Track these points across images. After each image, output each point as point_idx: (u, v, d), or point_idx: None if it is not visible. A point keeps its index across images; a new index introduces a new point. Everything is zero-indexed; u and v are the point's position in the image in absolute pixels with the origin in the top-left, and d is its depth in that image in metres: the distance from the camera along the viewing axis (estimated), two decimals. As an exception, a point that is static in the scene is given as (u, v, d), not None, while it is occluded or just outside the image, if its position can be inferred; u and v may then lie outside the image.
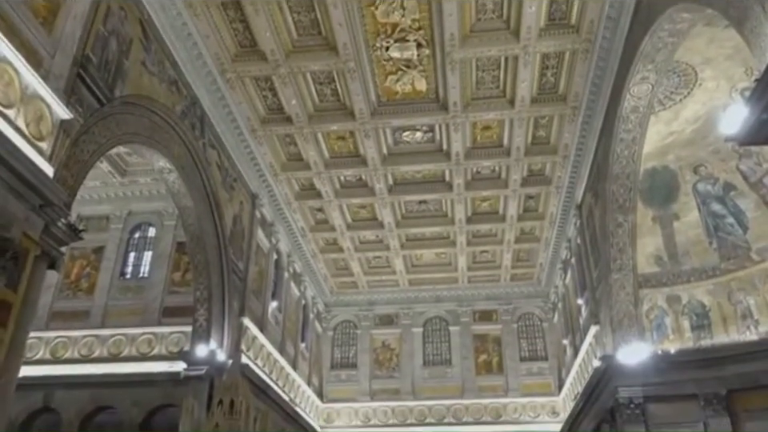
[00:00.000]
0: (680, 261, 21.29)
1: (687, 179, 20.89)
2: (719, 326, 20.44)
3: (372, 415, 30.23)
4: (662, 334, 21.12)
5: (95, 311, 21.97)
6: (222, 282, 19.67)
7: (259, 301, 23.25)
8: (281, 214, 25.63)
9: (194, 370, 18.36)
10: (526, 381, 30.46)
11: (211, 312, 19.29)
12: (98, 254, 23.29)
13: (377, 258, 30.36)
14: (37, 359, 20.25)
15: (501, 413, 29.66)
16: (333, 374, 31.75)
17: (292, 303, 27.90)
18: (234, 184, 21.24)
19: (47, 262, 11.11)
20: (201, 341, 18.94)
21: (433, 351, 31.91)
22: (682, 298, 21.14)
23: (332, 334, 32.74)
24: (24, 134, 10.05)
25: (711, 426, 19.39)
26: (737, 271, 20.39)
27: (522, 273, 31.49)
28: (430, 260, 30.62)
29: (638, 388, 20.01)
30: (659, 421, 19.82)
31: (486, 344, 31.60)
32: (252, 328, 21.63)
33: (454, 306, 32.28)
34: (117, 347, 20.72)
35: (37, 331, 18.81)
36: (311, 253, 29.20)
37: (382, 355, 31.96)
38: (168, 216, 23.39)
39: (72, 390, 19.76)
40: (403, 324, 32.28)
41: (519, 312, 32.14)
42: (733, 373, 19.30)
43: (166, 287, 22.23)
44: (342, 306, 33.07)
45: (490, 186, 24.56)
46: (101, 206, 23.97)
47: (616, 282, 20.90)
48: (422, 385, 30.89)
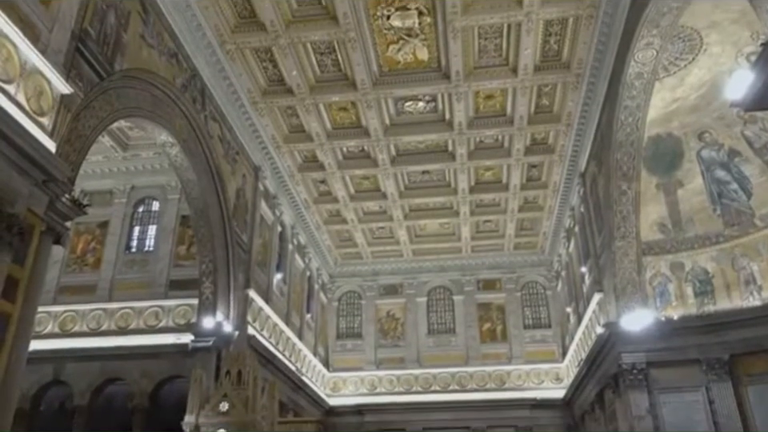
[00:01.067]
0: (684, 228, 21.32)
1: (691, 146, 20.79)
2: (722, 292, 20.55)
3: (378, 383, 30.64)
4: (665, 300, 21.25)
5: (102, 285, 22.16)
6: (226, 254, 19.78)
7: (264, 273, 23.40)
8: (284, 187, 25.64)
9: (202, 342, 18.58)
10: (530, 348, 30.75)
11: (217, 284, 19.44)
12: (103, 229, 23.40)
13: (380, 229, 30.44)
14: (46, 333, 20.50)
15: (505, 380, 30.01)
16: (338, 344, 32.08)
17: (297, 275, 28.08)
18: (237, 157, 21.21)
19: (53, 237, 11.18)
20: (207, 313, 19.13)
21: (437, 320, 32.17)
22: (686, 265, 21.22)
23: (337, 305, 33.00)
24: (25, 109, 10.02)
25: (713, 391, 19.63)
26: (740, 237, 20.43)
27: (526, 242, 31.56)
28: (433, 230, 30.67)
29: (641, 354, 20.21)
30: (662, 386, 20.06)
31: (489, 312, 31.83)
32: (257, 300, 21.81)
33: (457, 275, 32.45)
34: (124, 320, 20.95)
35: (45, 306, 18.97)
36: (315, 224, 29.28)
37: (387, 325, 32.24)
38: (171, 190, 23.43)
39: (82, 363, 20.06)
40: (407, 294, 32.49)
41: (523, 281, 32.30)
42: (735, 338, 19.47)
43: (171, 260, 22.37)
44: (346, 276, 33.26)
45: (493, 155, 24.48)
46: (104, 180, 23.99)
47: (619, 250, 20.95)
48: (426, 353, 31.21)
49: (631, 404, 19.76)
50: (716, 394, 19.56)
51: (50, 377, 20.16)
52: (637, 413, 19.57)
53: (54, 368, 20.09)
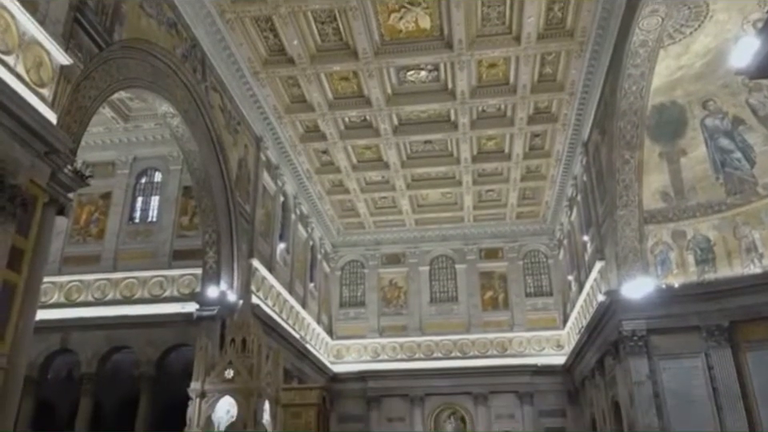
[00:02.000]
0: (686, 196, 21.31)
1: (695, 114, 20.65)
2: (723, 260, 20.64)
3: (381, 351, 31.01)
4: (666, 268, 21.35)
5: (106, 255, 22.32)
6: (229, 224, 19.86)
7: (267, 243, 23.52)
8: (286, 157, 25.60)
9: (206, 311, 18.80)
10: (531, 316, 31.03)
11: (220, 254, 19.58)
12: (106, 200, 23.48)
13: (383, 199, 30.47)
14: (52, 303, 20.73)
15: (506, 347, 30.35)
16: (342, 312, 32.39)
17: (300, 244, 28.22)
18: (238, 127, 21.15)
19: (56, 208, 11.24)
20: (211, 282, 19.30)
21: (439, 289, 32.40)
22: (687, 233, 21.26)
23: (340, 274, 33.23)
24: (24, 80, 9.98)
25: (712, 357, 19.87)
26: (743, 206, 20.43)
27: (528, 211, 31.59)
28: (435, 199, 30.69)
29: (641, 321, 20.40)
30: (662, 352, 20.30)
31: (491, 281, 32.03)
32: (261, 269, 21.97)
33: (460, 244, 32.58)
34: (129, 290, 21.15)
35: (50, 276, 19.14)
36: (317, 194, 29.31)
37: (390, 293, 32.50)
38: (173, 161, 23.43)
39: (88, 332, 20.32)
40: (410, 263, 32.68)
41: (525, 249, 32.43)
42: (736, 305, 19.63)
43: (174, 231, 22.48)
44: (349, 246, 33.43)
45: (496, 124, 24.35)
46: (106, 152, 23.99)
47: (621, 219, 20.99)
48: (429, 321, 31.52)
49: (631, 370, 20.02)
50: (715, 360, 19.80)
51: (56, 345, 20.45)
52: (637, 378, 19.85)
53: (61, 337, 20.37)
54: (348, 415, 29.48)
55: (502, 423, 28.78)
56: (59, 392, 21.49)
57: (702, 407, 19.40)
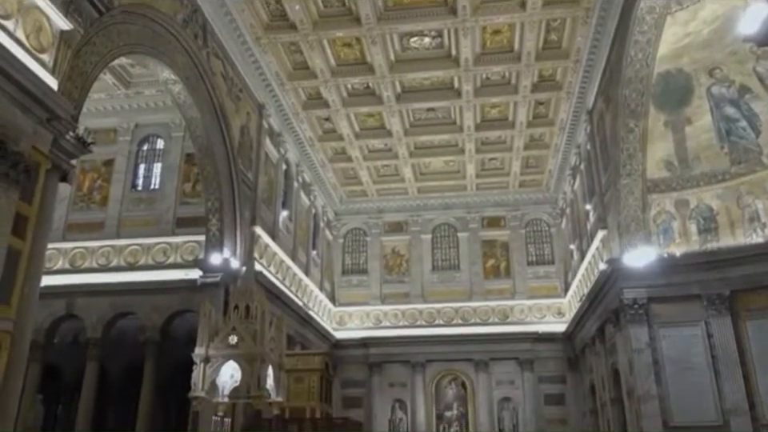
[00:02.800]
0: (690, 165, 21.22)
1: (702, 82, 20.43)
2: (726, 230, 20.65)
3: (383, 318, 31.29)
4: (668, 237, 21.38)
5: (109, 222, 22.39)
6: (232, 192, 19.88)
7: (270, 210, 23.57)
8: (288, 124, 25.48)
9: (210, 278, 18.94)
10: (533, 284, 31.20)
11: (223, 221, 19.64)
12: (109, 167, 23.46)
13: (385, 167, 30.40)
14: (57, 269, 20.90)
15: (508, 314, 30.59)
16: (344, 280, 32.60)
17: (302, 212, 28.28)
18: (240, 94, 21.01)
19: (59, 175, 11.26)
20: (214, 249, 19.41)
21: (442, 257, 32.54)
22: (690, 203, 21.24)
23: (342, 242, 33.35)
24: (24, 45, 9.90)
25: (712, 325, 20.03)
26: (747, 175, 20.36)
27: (531, 179, 31.51)
28: (438, 168, 30.62)
29: (642, 289, 20.52)
30: (662, 320, 20.46)
31: (493, 249, 32.14)
32: (264, 236, 22.06)
33: (462, 212, 32.60)
34: (133, 257, 21.27)
35: (54, 242, 19.25)
36: (320, 162, 29.25)
37: (392, 261, 32.65)
38: (175, 128, 23.32)
39: (93, 298, 20.52)
40: (412, 231, 32.75)
41: (527, 218, 32.45)
42: (737, 274, 19.71)
43: (177, 198, 22.49)
44: (351, 214, 33.48)
45: (500, 92, 24.14)
46: (107, 118, 23.89)
47: (625, 188, 20.94)
48: (431, 289, 31.72)
49: (631, 338, 20.21)
50: (715, 328, 19.96)
51: (62, 311, 20.68)
52: (636, 346, 20.05)
53: (66, 302, 20.57)
54: (350, 381, 29.88)
55: (503, 389, 29.20)
56: (65, 357, 21.80)
57: (700, 374, 19.63)
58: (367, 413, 28.93)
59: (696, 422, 19.11)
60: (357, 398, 29.50)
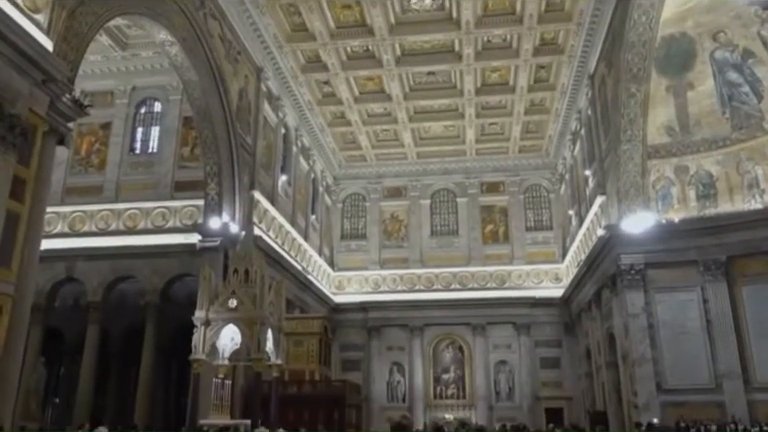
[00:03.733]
0: (691, 131, 21.14)
1: (705, 46, 20.21)
2: (725, 196, 20.67)
3: (382, 282, 31.50)
4: (667, 203, 21.42)
5: (108, 186, 22.32)
6: (230, 156, 19.79)
7: (269, 175, 23.50)
8: (287, 88, 25.23)
9: (209, 242, 18.99)
10: (531, 249, 31.33)
11: (222, 186, 19.60)
12: (106, 130, 23.28)
13: (385, 131, 30.23)
14: (56, 233, 20.90)
15: (505, 279, 30.80)
16: (343, 245, 32.71)
17: (301, 177, 28.21)
18: (239, 57, 20.74)
19: (56, 138, 11.20)
20: (213, 214, 19.41)
21: (440, 222, 32.60)
22: (690, 169, 21.22)
23: (341, 207, 33.36)
24: (19, 5, 9.74)
25: (708, 290, 20.22)
26: (747, 141, 20.30)
27: (531, 145, 31.38)
28: (438, 132, 30.46)
29: (639, 255, 20.64)
30: (658, 285, 20.63)
31: (492, 215, 32.18)
32: (263, 201, 22.04)
33: (461, 178, 32.55)
34: (132, 220, 21.27)
35: (53, 206, 19.19)
36: (319, 127, 29.06)
37: (391, 226, 32.72)
38: (173, 90, 23.07)
39: (93, 261, 20.58)
40: (411, 196, 32.75)
41: (526, 183, 32.42)
42: (734, 240, 19.81)
43: (175, 162, 22.38)
44: (350, 179, 33.41)
45: (501, 55, 23.87)
46: (104, 81, 23.61)
47: (625, 153, 20.88)
48: (429, 254, 31.87)
49: (627, 302, 20.41)
50: (711, 293, 20.16)
51: (62, 274, 20.76)
52: (632, 311, 20.26)
53: (66, 266, 20.65)
54: (349, 344, 30.23)
55: (499, 353, 29.58)
56: (66, 320, 21.97)
57: (694, 339, 19.89)
58: (366, 376, 29.34)
59: (689, 386, 19.44)
60: (355, 361, 29.90)
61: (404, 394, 29.53)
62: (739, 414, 18.45)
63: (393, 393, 29.73)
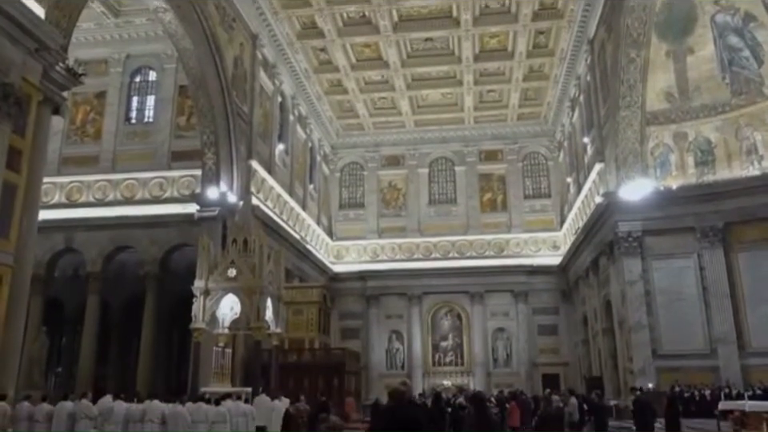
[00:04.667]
0: (690, 97, 21.00)
1: (706, 10, 19.96)
2: (723, 162, 20.64)
3: (380, 251, 31.59)
4: (665, 170, 21.39)
5: (104, 156, 22.21)
6: (227, 125, 19.65)
7: (266, 144, 23.38)
8: (283, 55, 24.94)
9: (207, 212, 18.98)
10: (529, 217, 31.38)
11: (219, 155, 19.50)
12: (101, 99, 23.07)
13: (382, 99, 29.99)
14: (54, 203, 20.86)
15: (503, 247, 30.90)
16: (341, 214, 32.71)
17: (299, 146, 28.07)
18: (234, 24, 20.44)
19: (51, 107, 11.11)
20: (211, 183, 19.36)
21: (438, 190, 32.57)
22: (689, 135, 21.14)
23: (339, 176, 33.27)
24: (8, -29, 9.54)
25: (705, 257, 20.33)
26: (747, 107, 20.19)
27: (529, 112, 31.18)
28: (436, 100, 30.22)
29: (637, 222, 20.70)
30: (655, 252, 20.74)
31: (490, 183, 32.15)
32: (260, 170, 21.96)
33: (459, 146, 32.41)
34: (129, 191, 21.21)
35: (50, 176, 19.10)
36: (316, 95, 28.81)
37: (389, 195, 32.69)
38: (167, 59, 22.79)
39: (91, 232, 20.58)
40: (409, 165, 32.64)
41: (525, 151, 32.31)
42: (732, 207, 19.85)
43: (172, 131, 22.22)
44: (348, 147, 33.26)
45: (500, 21, 23.56)
46: (98, 49, 23.29)
47: (623, 120, 20.78)
48: (427, 222, 31.90)
49: (624, 270, 20.53)
50: (707, 260, 20.28)
51: (61, 245, 20.78)
52: (629, 278, 20.40)
53: (65, 236, 20.66)
54: (348, 312, 30.46)
55: (497, 320, 29.83)
56: (67, 290, 22.05)
57: (690, 305, 20.06)
58: (365, 344, 29.61)
59: (684, 351, 19.67)
60: (354, 329, 30.15)
61: (403, 362, 29.87)
62: (733, 379, 18.72)
63: (392, 360, 30.06)
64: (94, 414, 10.74)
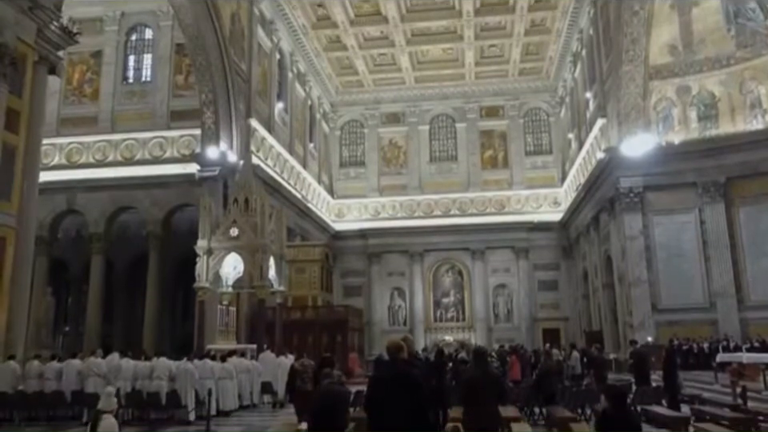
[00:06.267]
0: (694, 50, 20.73)
1: (712, -40, 19.56)
2: (726, 117, 20.50)
3: (381, 209, 31.64)
4: (668, 125, 21.26)
5: (103, 116, 22.06)
6: (225, 83, 19.45)
7: (265, 102, 23.18)
8: (280, 11, 24.50)
9: (207, 171, 18.95)
10: (530, 174, 31.30)
11: (218, 114, 19.36)
12: (97, 59, 22.78)
13: (382, 56, 29.57)
14: (54, 165, 20.83)
15: (504, 204, 30.92)
16: (342, 172, 32.64)
17: (298, 104, 27.83)
18: (229, -22, 20.05)
19: (47, 67, 11.00)
20: (211, 143, 19.27)
21: (439, 148, 32.42)
22: (692, 89, 20.94)
23: (339, 134, 33.07)
24: (-2, -73, 9.33)
25: (705, 212, 20.40)
26: (752, 59, 19.95)
27: (531, 67, 30.78)
28: (436, 56, 29.80)
29: (638, 178, 20.68)
30: (656, 208, 20.79)
31: (491, 139, 31.96)
32: (260, 129, 21.84)
33: (460, 102, 32.12)
34: (129, 151, 21.14)
35: (49, 138, 19.02)
36: (314, 51, 28.40)
37: (390, 153, 32.55)
38: (164, 16, 22.41)
39: (92, 193, 20.61)
40: (410, 122, 32.41)
41: (526, 107, 32.02)
42: (734, 161, 19.81)
43: (170, 91, 22.00)
44: (348, 105, 32.97)
45: (501, -27, 23.10)
46: (92, 7, 22.81)
47: (626, 74, 20.55)
48: (428, 180, 31.85)
49: (625, 225, 20.61)
50: (708, 215, 20.35)
51: (63, 206, 20.84)
52: (630, 234, 20.49)
53: (67, 198, 20.70)
54: (350, 270, 30.68)
55: (498, 277, 30.06)
56: (70, 251, 22.23)
57: (690, 259, 20.22)
58: (367, 301, 29.92)
59: (683, 305, 19.91)
60: (357, 286, 30.42)
61: (405, 318, 30.23)
62: (731, 332, 18.99)
63: (394, 317, 30.42)
64: (103, 371, 10.93)
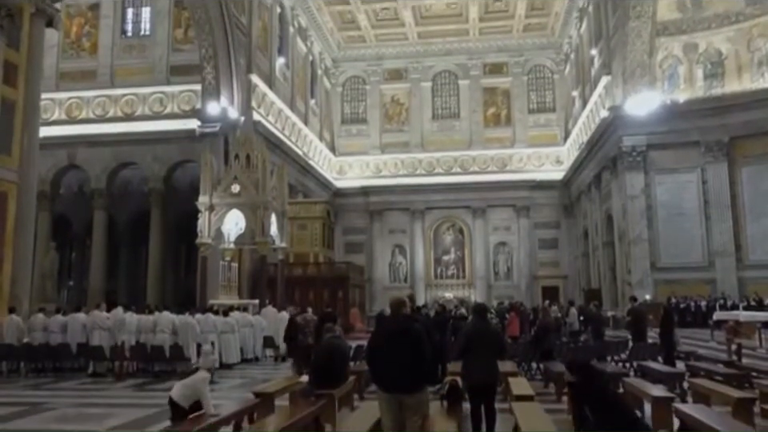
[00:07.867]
0: (703, 6, 20.37)
1: None
2: (733, 75, 20.27)
3: (383, 167, 31.56)
4: (673, 84, 21.03)
5: (102, 71, 21.83)
6: (225, 37, 19.17)
7: (266, 57, 22.88)
8: (281, -37, 24.00)
9: (208, 127, 18.85)
10: (533, 132, 31.09)
11: (218, 69, 19.15)
12: (95, 11, 22.44)
13: (384, 10, 29.04)
14: (54, 120, 20.74)
15: (506, 162, 30.82)
16: (344, 129, 32.45)
17: (299, 59, 27.47)
18: (228, -72, 19.55)
19: (44, 20, 10.86)
20: (211, 98, 19.11)
21: (442, 105, 32.13)
22: (700, 46, 20.64)
23: (341, 90, 32.75)
24: None
25: (708, 171, 20.36)
26: (761, 16, 19.63)
27: (536, 23, 30.24)
28: (439, 11, 29.26)
29: (642, 137, 20.57)
30: (658, 167, 20.74)
31: (494, 97, 31.65)
32: (261, 85, 21.62)
33: (463, 59, 31.68)
34: (129, 106, 21.00)
35: (48, 92, 18.89)
36: (316, 5, 27.89)
37: (392, 110, 32.29)
38: (161, -33, 21.98)
39: (93, 148, 20.58)
40: (412, 78, 32.04)
41: (530, 64, 31.60)
42: (738, 120, 19.67)
43: (170, 45, 21.71)
44: (350, 60, 32.54)
45: (507, -76, 22.51)
46: (88, -42, 22.43)
47: (633, 31, 20.23)
48: (430, 138, 31.68)
49: (627, 184, 20.60)
50: (710, 174, 20.31)
51: (64, 161, 20.84)
52: (631, 192, 20.50)
53: (67, 153, 20.69)
54: (351, 227, 30.80)
55: (499, 235, 30.18)
56: (73, 207, 22.29)
57: (691, 219, 20.27)
58: (368, 258, 30.12)
59: (682, 264, 20.06)
60: (358, 243, 30.58)
61: (406, 275, 30.48)
62: (729, 291, 19.17)
63: (395, 273, 30.67)
64: (107, 324, 11.08)
